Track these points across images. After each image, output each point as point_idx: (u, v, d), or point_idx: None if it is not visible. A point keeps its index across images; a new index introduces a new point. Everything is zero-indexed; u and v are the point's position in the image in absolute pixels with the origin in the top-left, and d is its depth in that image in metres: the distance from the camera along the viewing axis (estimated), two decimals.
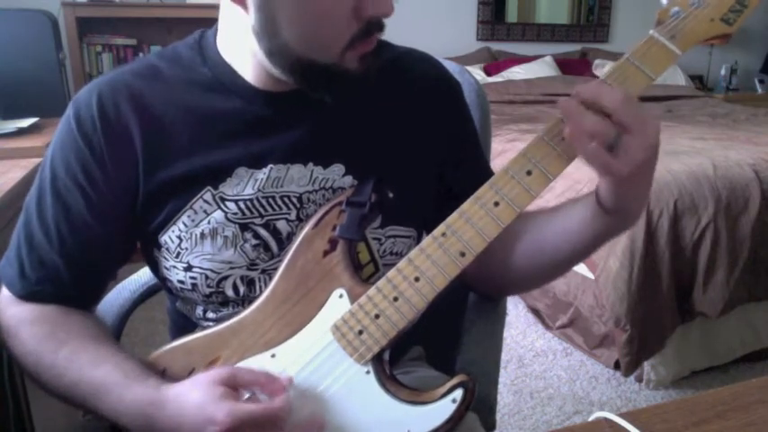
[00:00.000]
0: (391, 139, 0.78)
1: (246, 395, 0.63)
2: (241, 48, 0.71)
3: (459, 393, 0.65)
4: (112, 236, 0.74)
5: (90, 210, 0.72)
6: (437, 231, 0.65)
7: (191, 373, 0.70)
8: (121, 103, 0.72)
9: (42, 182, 0.74)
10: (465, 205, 0.65)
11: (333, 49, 0.66)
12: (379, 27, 0.67)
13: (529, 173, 0.64)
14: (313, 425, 0.65)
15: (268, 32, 0.66)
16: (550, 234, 0.76)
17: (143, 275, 1.02)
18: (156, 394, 0.64)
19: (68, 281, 0.74)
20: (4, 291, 0.75)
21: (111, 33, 3.17)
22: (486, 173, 0.86)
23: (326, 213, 0.70)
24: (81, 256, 0.74)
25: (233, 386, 0.62)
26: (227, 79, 0.73)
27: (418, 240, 0.82)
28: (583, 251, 0.75)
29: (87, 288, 0.77)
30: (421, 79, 0.81)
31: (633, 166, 0.60)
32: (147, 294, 1.02)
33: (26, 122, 1.79)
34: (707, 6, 0.65)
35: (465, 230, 0.65)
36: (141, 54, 3.21)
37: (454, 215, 0.65)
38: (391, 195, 0.72)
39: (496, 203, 0.64)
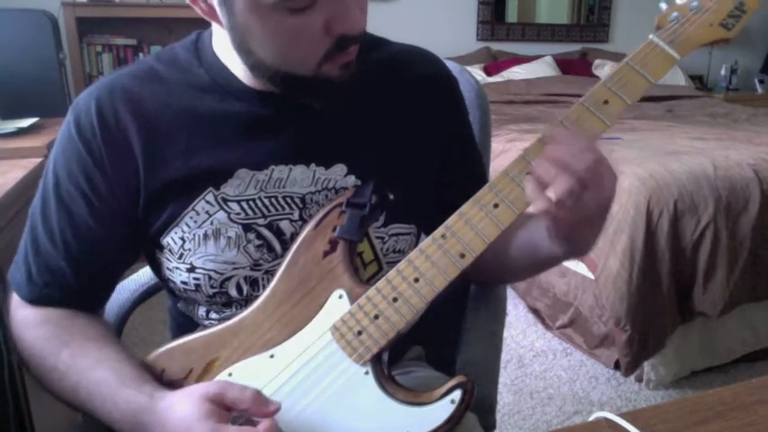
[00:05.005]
0: (392, 137, 0.78)
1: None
2: (233, 50, 0.71)
3: (457, 394, 0.65)
4: (116, 239, 0.75)
5: (93, 215, 0.72)
6: (437, 233, 0.66)
7: (189, 373, 0.70)
8: (120, 108, 0.72)
9: (46, 188, 0.74)
10: (464, 207, 0.65)
11: (308, 64, 0.66)
12: (354, 41, 0.67)
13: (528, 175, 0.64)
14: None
15: (243, 50, 0.67)
16: (521, 240, 0.79)
17: (143, 275, 1.02)
18: (148, 403, 0.64)
19: (74, 285, 0.74)
20: (15, 295, 0.76)
21: (111, 33, 3.17)
22: (478, 166, 0.88)
23: (327, 214, 0.70)
24: (86, 260, 0.74)
25: (221, 403, 0.60)
26: (223, 80, 0.73)
27: (418, 236, 0.83)
28: (543, 263, 0.79)
29: (93, 291, 0.78)
30: (419, 76, 0.81)
31: (582, 216, 0.61)
32: (147, 294, 1.02)
33: (26, 122, 1.80)
34: (706, 11, 0.65)
35: (465, 232, 0.65)
36: (141, 54, 3.21)
37: (454, 217, 0.65)
38: (392, 197, 0.72)
39: (496, 205, 0.64)
